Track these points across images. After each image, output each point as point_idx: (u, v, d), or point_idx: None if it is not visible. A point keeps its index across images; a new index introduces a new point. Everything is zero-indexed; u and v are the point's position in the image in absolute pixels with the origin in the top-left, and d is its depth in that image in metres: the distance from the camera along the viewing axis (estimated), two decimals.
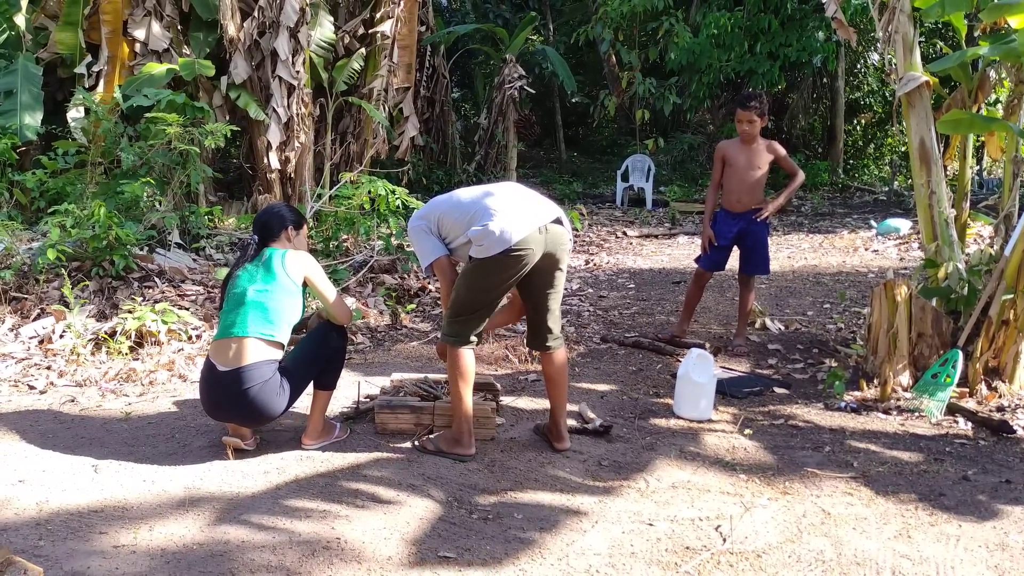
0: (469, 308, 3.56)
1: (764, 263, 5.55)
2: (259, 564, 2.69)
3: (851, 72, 18.06)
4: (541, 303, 3.68)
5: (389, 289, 6.83)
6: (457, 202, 3.62)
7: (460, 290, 3.57)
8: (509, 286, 3.57)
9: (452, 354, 3.59)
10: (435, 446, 3.68)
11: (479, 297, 3.54)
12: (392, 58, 11.74)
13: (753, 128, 5.36)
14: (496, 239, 3.37)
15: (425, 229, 3.67)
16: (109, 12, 9.82)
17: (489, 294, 3.55)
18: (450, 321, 3.61)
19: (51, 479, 3.32)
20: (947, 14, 4.83)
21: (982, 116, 5.22)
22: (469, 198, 3.60)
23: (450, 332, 3.60)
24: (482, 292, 3.53)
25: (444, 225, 3.62)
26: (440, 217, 3.63)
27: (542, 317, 3.69)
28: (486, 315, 3.62)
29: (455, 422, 3.66)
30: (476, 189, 3.68)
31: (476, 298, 3.55)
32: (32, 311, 5.56)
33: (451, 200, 3.67)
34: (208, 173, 8.51)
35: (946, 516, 3.17)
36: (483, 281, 3.50)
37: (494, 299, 3.59)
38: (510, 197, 3.54)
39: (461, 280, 3.59)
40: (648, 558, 2.81)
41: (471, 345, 3.61)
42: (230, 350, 3.44)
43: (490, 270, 3.46)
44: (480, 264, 3.46)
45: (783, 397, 4.67)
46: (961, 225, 5.35)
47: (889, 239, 10.43)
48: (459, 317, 3.58)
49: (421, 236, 3.68)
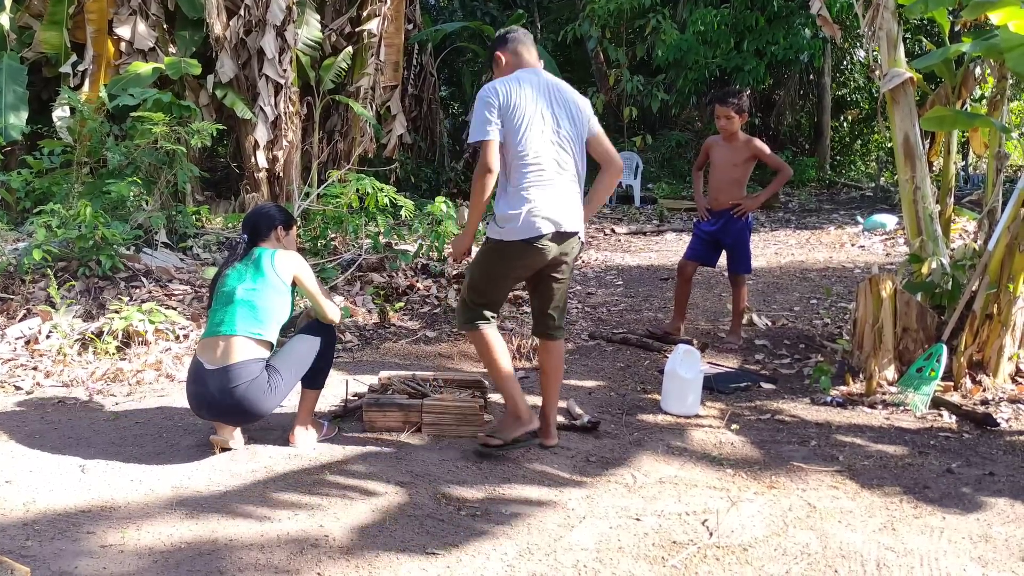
0: (482, 294, 3.63)
1: (745, 261, 5.60)
2: (247, 562, 2.69)
3: (837, 69, 18.15)
4: (546, 292, 3.72)
5: (377, 287, 6.83)
6: (523, 141, 3.47)
7: (475, 275, 3.65)
8: (522, 276, 3.66)
9: (474, 338, 3.66)
10: (501, 438, 3.59)
11: (494, 283, 3.63)
12: (379, 56, 11.74)
13: (731, 124, 5.39)
14: (519, 227, 3.44)
15: (495, 103, 3.47)
16: (94, 11, 9.78)
17: (504, 280, 3.65)
18: (464, 308, 3.66)
19: (38, 479, 3.31)
20: (930, 10, 4.87)
21: (965, 112, 5.26)
22: (533, 153, 3.47)
23: (466, 319, 3.65)
24: (499, 278, 3.64)
25: (506, 125, 3.46)
26: (513, 118, 3.45)
27: (545, 306, 3.73)
28: (500, 301, 3.71)
29: (507, 403, 3.67)
30: (546, 148, 3.50)
31: (490, 284, 3.63)
32: (18, 312, 5.54)
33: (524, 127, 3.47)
34: (195, 172, 8.48)
35: (930, 508, 3.20)
36: (499, 266, 3.58)
37: (508, 286, 3.71)
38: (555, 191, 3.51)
39: (476, 265, 3.66)
40: (635, 553, 2.82)
41: (490, 322, 3.65)
42: (218, 348, 3.45)
43: (507, 255, 3.52)
44: (497, 248, 3.53)
45: (770, 392, 4.70)
46: (945, 220, 5.39)
47: (875, 235, 10.49)
48: (473, 302, 3.64)
49: (487, 107, 3.47)
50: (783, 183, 5.63)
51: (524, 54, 3.72)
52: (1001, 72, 5.15)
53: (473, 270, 3.65)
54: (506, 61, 3.72)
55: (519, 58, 3.71)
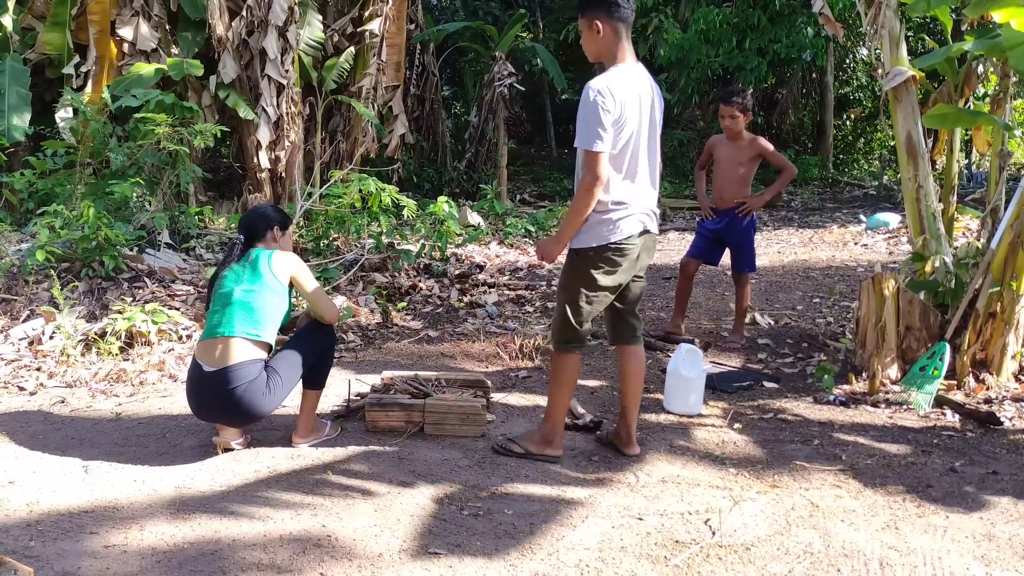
0: (587, 311, 3.44)
1: (749, 260, 5.59)
2: (250, 562, 2.69)
3: (840, 67, 18.13)
4: (628, 295, 3.59)
5: (380, 287, 6.84)
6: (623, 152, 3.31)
7: (573, 292, 3.41)
8: (621, 282, 3.46)
9: (560, 360, 3.50)
10: (523, 448, 3.61)
11: (596, 295, 3.43)
12: (381, 56, 11.75)
13: (736, 123, 5.38)
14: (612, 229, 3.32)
15: (608, 109, 3.20)
16: (97, 12, 9.79)
17: (605, 290, 3.44)
18: (563, 326, 3.47)
19: (41, 480, 3.32)
20: (932, 9, 4.86)
21: (968, 110, 5.25)
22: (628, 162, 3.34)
23: (563, 339, 3.48)
24: (600, 288, 3.42)
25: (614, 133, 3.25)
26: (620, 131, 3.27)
27: (628, 309, 3.62)
28: (597, 312, 3.51)
29: (549, 424, 3.59)
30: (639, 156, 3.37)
31: (592, 297, 3.42)
32: (21, 312, 5.55)
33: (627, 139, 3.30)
34: (198, 173, 8.49)
35: (933, 507, 3.19)
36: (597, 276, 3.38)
37: (608, 295, 3.48)
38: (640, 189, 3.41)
39: (573, 280, 3.43)
40: (638, 552, 2.82)
41: (583, 347, 3.56)
42: (216, 350, 3.45)
43: (603, 261, 3.36)
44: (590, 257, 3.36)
45: (772, 391, 4.70)
46: (948, 219, 5.39)
47: (878, 233, 10.47)
48: (575, 318, 3.44)
49: (601, 114, 3.20)
50: (788, 181, 5.63)
51: (624, 37, 3.35)
52: (1004, 70, 5.14)
53: (571, 289, 3.42)
54: (603, 35, 3.32)
55: (620, 40, 3.34)
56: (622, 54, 3.36)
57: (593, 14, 3.31)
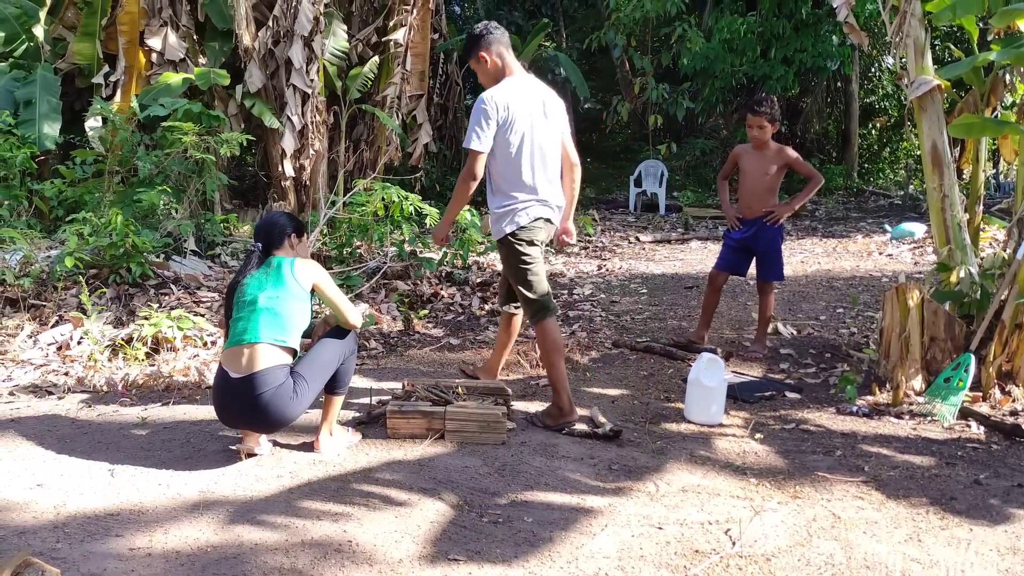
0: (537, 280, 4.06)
1: (777, 268, 5.55)
2: (272, 566, 2.72)
3: (866, 76, 17.99)
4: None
5: (402, 295, 6.88)
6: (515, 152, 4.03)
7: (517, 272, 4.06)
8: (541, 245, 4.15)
9: (541, 330, 4.05)
10: (543, 424, 4.07)
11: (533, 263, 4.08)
12: (405, 66, 11.81)
13: (763, 133, 5.35)
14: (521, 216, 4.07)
15: (492, 114, 3.93)
16: (126, 23, 9.93)
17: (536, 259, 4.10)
18: (531, 299, 4.06)
19: (68, 483, 3.37)
20: (958, 17, 4.84)
21: (994, 119, 5.20)
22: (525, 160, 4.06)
23: (534, 312, 4.06)
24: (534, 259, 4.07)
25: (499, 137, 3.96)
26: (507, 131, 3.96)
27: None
28: (545, 274, 4.17)
29: (555, 393, 4.05)
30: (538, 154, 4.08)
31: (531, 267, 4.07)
32: (50, 318, 5.64)
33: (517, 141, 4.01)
34: (223, 181, 8.58)
35: (957, 520, 3.16)
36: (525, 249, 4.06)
37: (541, 260, 4.13)
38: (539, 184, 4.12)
39: (511, 264, 4.09)
40: (657, 561, 2.82)
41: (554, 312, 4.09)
42: (243, 356, 3.48)
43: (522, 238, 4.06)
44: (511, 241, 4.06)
45: (795, 401, 4.67)
46: (974, 229, 5.34)
47: (903, 243, 10.38)
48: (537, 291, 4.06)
49: (485, 117, 3.93)
50: (815, 190, 5.57)
51: (507, 57, 4.08)
52: None
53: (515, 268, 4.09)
54: (491, 63, 4.05)
55: (503, 59, 4.07)
56: (509, 70, 4.09)
57: (476, 52, 4.07)
